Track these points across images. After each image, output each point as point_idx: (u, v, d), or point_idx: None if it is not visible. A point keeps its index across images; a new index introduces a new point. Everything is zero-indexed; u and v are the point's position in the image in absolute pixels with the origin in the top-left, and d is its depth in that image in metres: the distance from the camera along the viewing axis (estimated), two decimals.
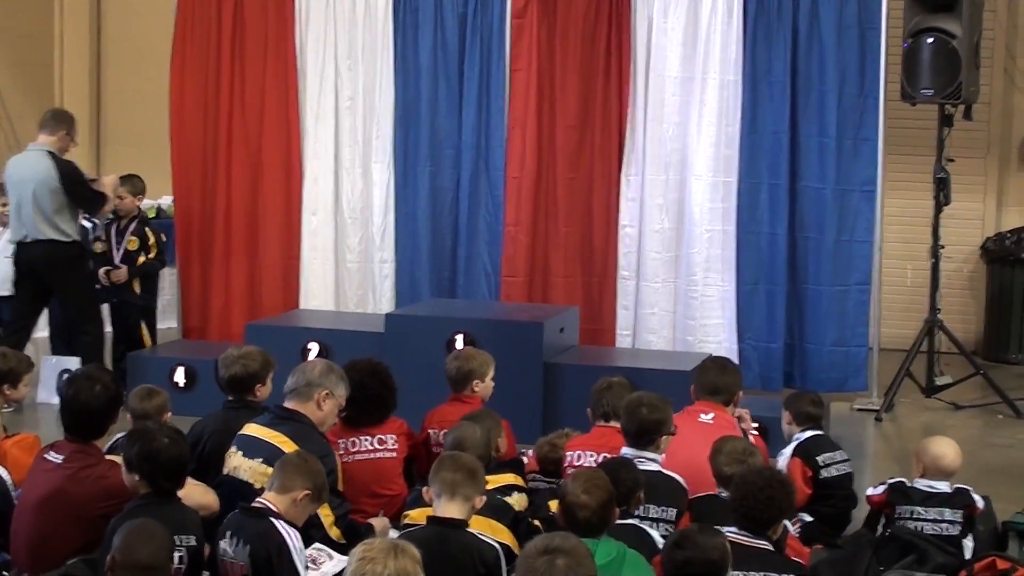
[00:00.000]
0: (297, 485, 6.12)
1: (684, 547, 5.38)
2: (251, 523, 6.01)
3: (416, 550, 5.15)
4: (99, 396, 6.59)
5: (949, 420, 11.44)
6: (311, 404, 6.97)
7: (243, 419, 7.15)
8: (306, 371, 7.08)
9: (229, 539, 6.01)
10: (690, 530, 5.64)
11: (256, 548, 5.91)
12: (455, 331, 10.35)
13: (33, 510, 6.40)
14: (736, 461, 6.74)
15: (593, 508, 5.87)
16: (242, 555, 5.93)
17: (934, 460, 7.44)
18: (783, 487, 6.16)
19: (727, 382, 7.91)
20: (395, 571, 4.98)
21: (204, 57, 12.87)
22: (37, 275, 11.13)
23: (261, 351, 7.69)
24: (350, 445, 7.46)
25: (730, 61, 11.90)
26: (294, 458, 6.31)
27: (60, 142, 11.14)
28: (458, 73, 12.51)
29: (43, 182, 10.96)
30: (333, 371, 7.12)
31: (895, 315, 13.17)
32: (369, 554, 5.02)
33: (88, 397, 6.58)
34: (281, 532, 5.95)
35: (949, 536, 7.23)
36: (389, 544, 5.11)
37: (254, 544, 5.92)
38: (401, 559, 5.02)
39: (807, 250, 12.02)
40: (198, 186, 12.94)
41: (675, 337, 12.12)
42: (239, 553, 5.94)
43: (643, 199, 12.15)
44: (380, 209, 12.74)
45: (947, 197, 11.81)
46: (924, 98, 11.56)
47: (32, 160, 11.09)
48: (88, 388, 6.60)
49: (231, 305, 12.88)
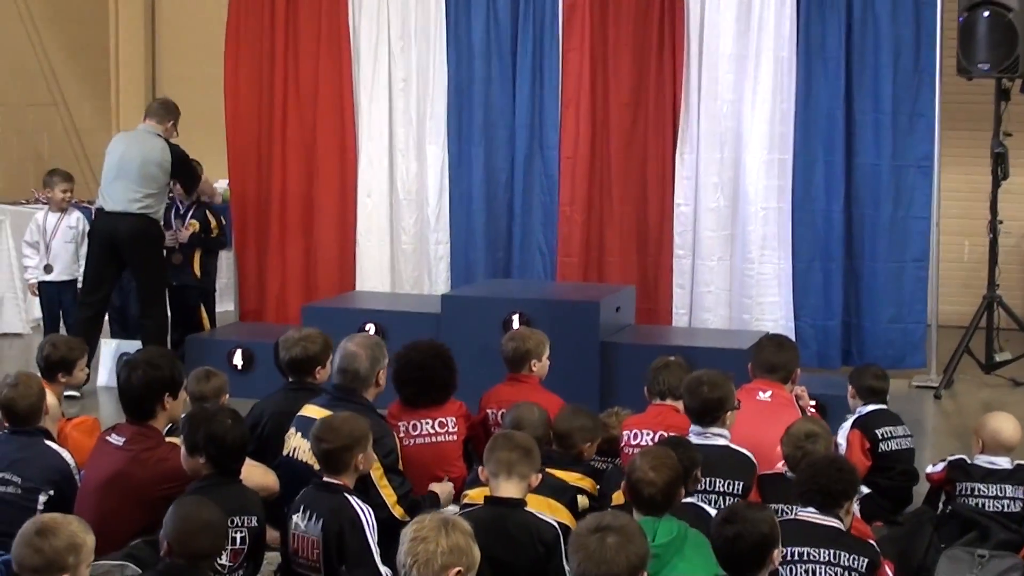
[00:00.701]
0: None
1: (733, 522, 5.36)
2: (325, 498, 6.05)
3: (467, 524, 5.15)
4: (138, 380, 6.62)
5: (1009, 397, 11.36)
6: (371, 386, 7.02)
7: (302, 401, 7.19)
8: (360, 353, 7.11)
9: (302, 514, 6.04)
10: (738, 505, 5.64)
11: (329, 523, 5.94)
12: (511, 311, 10.35)
13: (95, 492, 6.46)
14: (794, 445, 6.73)
15: (659, 486, 5.85)
16: (315, 530, 5.97)
17: (993, 435, 7.41)
18: (849, 464, 6.25)
19: (784, 359, 7.90)
20: (448, 548, 4.98)
21: (258, 41, 12.92)
22: (114, 249, 11.21)
23: (321, 333, 7.71)
24: (411, 428, 7.45)
25: (784, 37, 11.84)
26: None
27: (167, 131, 11.45)
28: (511, 52, 12.50)
29: (153, 159, 11.18)
30: (381, 346, 7.18)
31: (953, 291, 13.09)
32: (421, 533, 5.02)
33: (140, 380, 6.63)
34: (355, 507, 6.00)
35: (1010, 513, 7.19)
36: (440, 520, 5.09)
37: (327, 519, 5.96)
38: (453, 535, 5.02)
39: (863, 227, 11.96)
40: (253, 170, 13.00)
41: (731, 316, 12.09)
42: (311, 528, 5.98)
43: (698, 177, 12.11)
44: (435, 190, 12.75)
45: (1005, 172, 11.72)
46: (980, 73, 11.48)
47: (143, 138, 11.36)
48: (141, 371, 6.64)
49: (287, 288, 12.94)
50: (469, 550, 5.06)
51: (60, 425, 7.67)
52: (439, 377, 7.58)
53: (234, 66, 12.97)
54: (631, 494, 5.94)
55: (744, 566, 5.35)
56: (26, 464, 6.77)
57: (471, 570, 5.08)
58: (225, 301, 13.18)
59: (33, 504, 6.66)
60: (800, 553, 5.81)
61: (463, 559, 5.02)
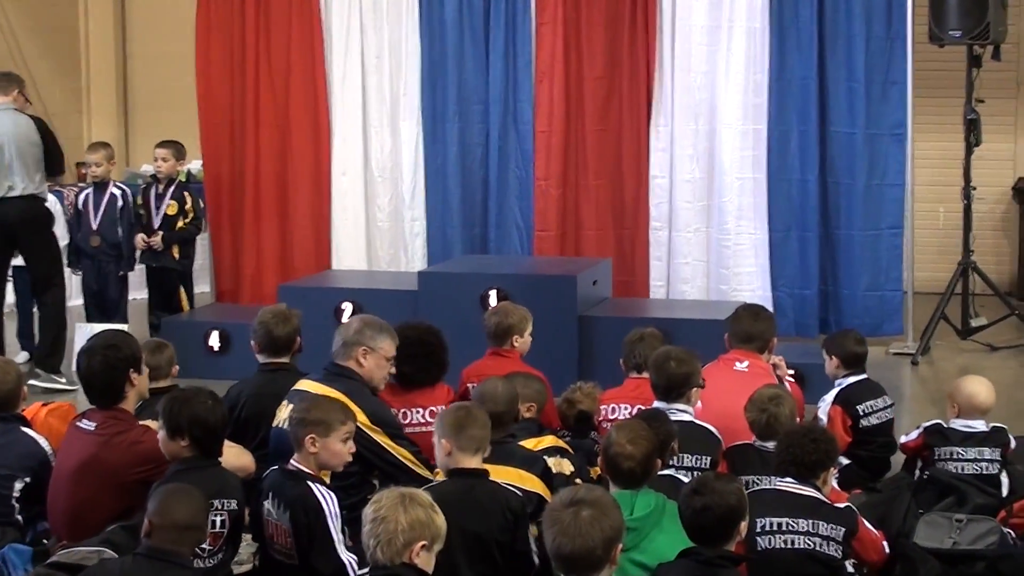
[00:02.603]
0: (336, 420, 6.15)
1: (702, 493, 5.37)
2: (289, 486, 6.01)
3: (427, 495, 5.17)
4: (100, 364, 6.53)
5: (985, 362, 11.39)
6: (351, 363, 6.96)
7: (280, 381, 7.17)
8: (342, 331, 7.07)
9: (271, 500, 6.03)
10: (707, 477, 5.65)
11: (295, 512, 5.92)
12: (488, 287, 10.35)
13: (69, 479, 6.42)
14: (758, 409, 6.75)
15: (638, 459, 5.87)
16: (284, 518, 5.95)
17: (968, 399, 7.45)
18: (825, 434, 6.27)
19: (760, 329, 7.90)
20: (407, 525, 5.01)
21: (229, 19, 12.87)
22: (9, 234, 10.77)
23: (293, 310, 7.69)
24: (402, 417, 7.37)
25: (756, 8, 11.83)
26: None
27: (16, 101, 10.89)
28: (484, 27, 12.46)
29: (26, 136, 10.72)
30: (369, 325, 7.04)
31: (928, 258, 13.14)
32: (380, 513, 5.04)
33: (89, 367, 6.55)
34: (316, 495, 5.94)
35: (987, 475, 7.23)
36: (397, 496, 5.10)
37: (293, 508, 5.93)
38: (412, 510, 5.04)
39: (838, 195, 11.98)
40: (226, 149, 12.97)
41: (709, 286, 12.10)
42: (281, 516, 5.96)
43: (673, 149, 12.11)
44: (409, 167, 12.73)
45: (978, 138, 11.74)
46: (952, 39, 11.49)
47: (8, 117, 10.75)
48: (100, 356, 6.55)
49: (263, 268, 12.91)
50: (431, 522, 5.08)
51: (36, 411, 7.63)
52: (436, 355, 7.54)
53: (205, 45, 12.92)
54: (608, 468, 5.95)
55: (712, 537, 5.37)
56: (2, 451, 6.75)
57: (436, 540, 5.10)
58: (201, 282, 13.13)
59: (9, 491, 6.66)
60: (779, 524, 5.84)
61: (425, 532, 5.05)
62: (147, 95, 16.11)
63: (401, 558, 5.02)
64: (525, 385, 7.39)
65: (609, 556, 4.91)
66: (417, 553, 5.03)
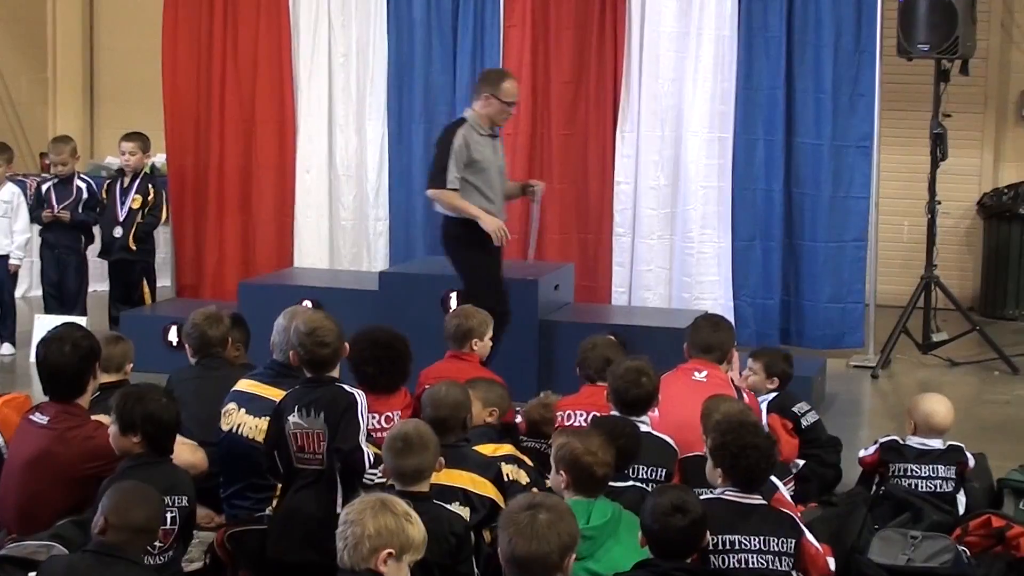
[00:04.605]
0: None
1: (684, 512, 5.35)
2: (320, 392, 6.33)
3: (402, 504, 5.10)
4: (70, 356, 6.50)
5: (945, 377, 11.42)
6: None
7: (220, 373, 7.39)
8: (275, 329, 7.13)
9: (299, 412, 6.25)
10: (681, 494, 5.52)
11: (330, 413, 6.19)
12: (449, 289, 10.30)
13: (20, 472, 6.38)
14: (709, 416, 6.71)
15: (610, 465, 5.92)
16: (318, 424, 6.19)
17: (926, 418, 7.46)
18: (758, 428, 6.22)
19: (720, 339, 7.84)
20: (374, 531, 4.94)
21: (196, 14, 12.81)
22: None
23: (220, 312, 7.90)
24: None
25: (725, 16, 11.82)
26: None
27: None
28: (452, 29, 12.44)
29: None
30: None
31: (891, 271, 13.16)
32: (351, 516, 5.00)
33: (59, 358, 6.50)
34: (349, 392, 6.36)
35: (942, 493, 7.24)
36: (372, 501, 5.05)
37: (328, 409, 6.23)
38: (382, 517, 4.97)
39: (803, 206, 11.97)
40: (191, 144, 12.91)
41: (671, 294, 12.07)
42: (314, 423, 6.20)
43: (638, 155, 12.09)
44: (374, 167, 12.70)
45: (944, 153, 11.76)
46: (920, 53, 11.52)
47: None
48: (59, 349, 6.51)
49: (225, 263, 12.86)
50: (400, 530, 4.99)
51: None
52: (402, 361, 7.43)
53: (172, 39, 12.85)
54: (579, 475, 5.88)
55: (681, 553, 5.38)
56: None
57: (407, 551, 5.01)
58: (162, 276, 13.04)
59: None
60: (731, 542, 5.71)
61: (393, 540, 4.96)
62: (113, 87, 16.07)
63: (367, 564, 4.93)
64: (488, 391, 7.37)
65: (563, 563, 4.88)
66: (384, 561, 4.94)
